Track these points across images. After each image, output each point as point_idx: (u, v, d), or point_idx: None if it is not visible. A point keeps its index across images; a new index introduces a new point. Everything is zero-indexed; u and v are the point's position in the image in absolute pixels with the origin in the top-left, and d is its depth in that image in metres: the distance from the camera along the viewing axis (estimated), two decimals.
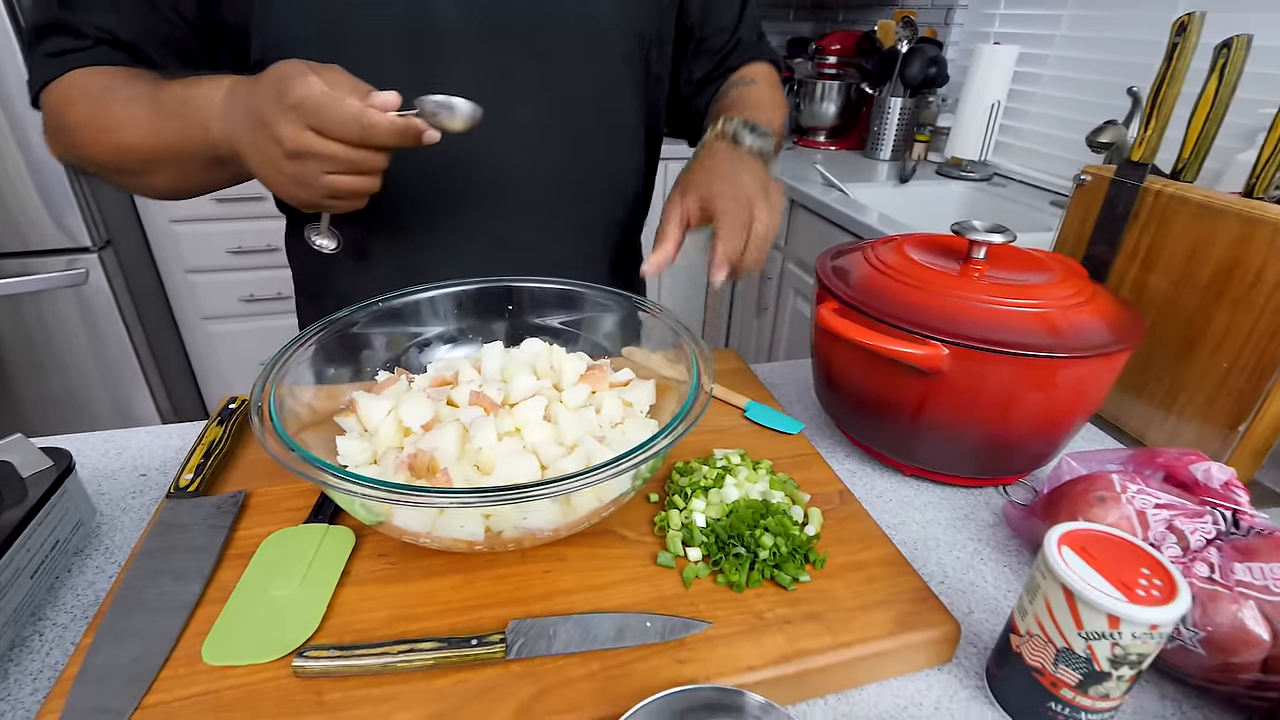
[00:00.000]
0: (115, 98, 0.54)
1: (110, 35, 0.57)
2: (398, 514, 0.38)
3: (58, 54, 0.57)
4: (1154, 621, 0.32)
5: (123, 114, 0.54)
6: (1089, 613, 0.33)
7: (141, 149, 0.54)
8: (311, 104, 0.44)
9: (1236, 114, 0.61)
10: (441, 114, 0.46)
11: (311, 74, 0.44)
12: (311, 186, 0.47)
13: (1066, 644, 0.35)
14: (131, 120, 0.54)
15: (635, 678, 0.36)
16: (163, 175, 0.57)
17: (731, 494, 0.47)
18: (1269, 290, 0.54)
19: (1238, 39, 0.56)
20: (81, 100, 0.56)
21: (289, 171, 0.47)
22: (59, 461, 0.46)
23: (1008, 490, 0.58)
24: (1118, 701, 0.36)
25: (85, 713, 0.33)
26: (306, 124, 0.44)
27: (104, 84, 0.55)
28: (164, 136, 0.53)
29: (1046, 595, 0.35)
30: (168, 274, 1.94)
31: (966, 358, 0.48)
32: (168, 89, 0.53)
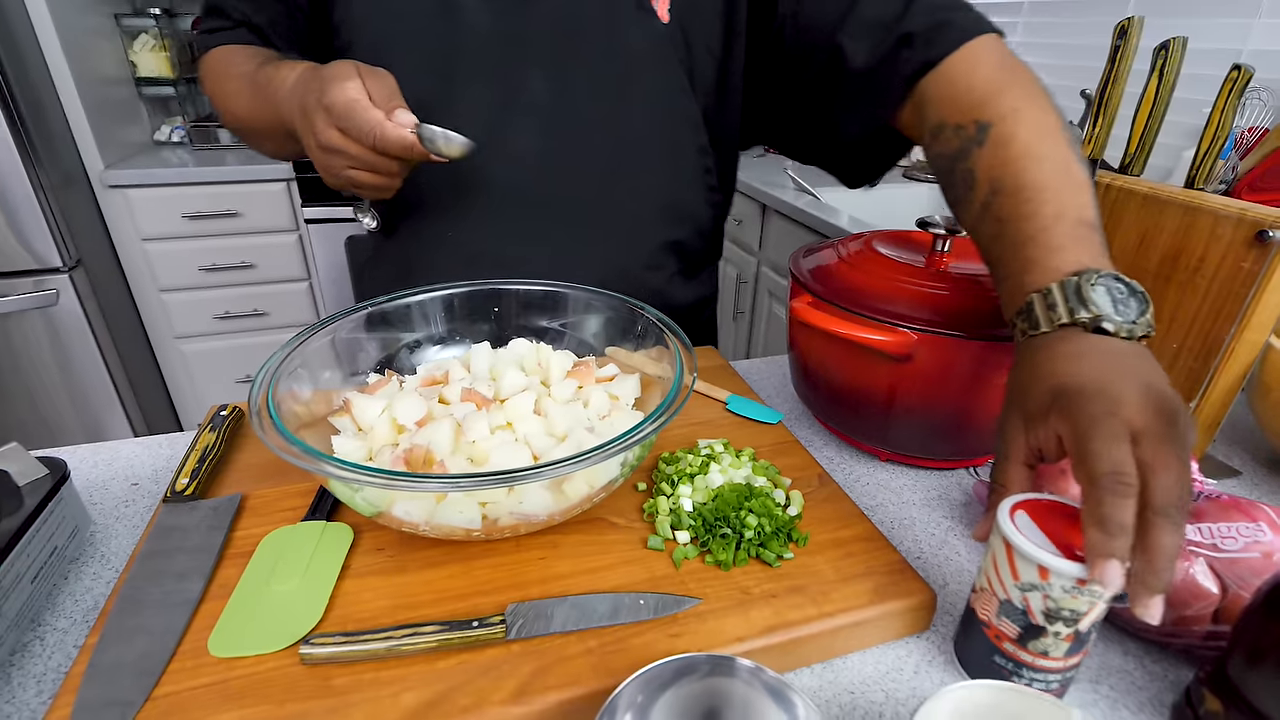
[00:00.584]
0: (231, 73, 0.66)
1: (247, 20, 0.70)
2: (398, 504, 0.40)
3: (211, 31, 0.71)
4: (1080, 575, 0.34)
5: (233, 87, 0.66)
6: (1023, 564, 0.35)
7: (245, 118, 0.66)
8: (339, 108, 0.50)
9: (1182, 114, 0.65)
10: (438, 142, 0.52)
11: (352, 79, 0.51)
12: (336, 176, 0.55)
13: (1006, 595, 0.37)
14: (238, 93, 0.65)
15: (631, 652, 0.38)
16: (264, 141, 0.70)
17: (716, 479, 0.49)
18: (1211, 274, 0.57)
19: (1174, 41, 0.60)
20: (215, 73, 0.69)
21: (319, 159, 0.54)
22: (54, 470, 0.46)
23: (977, 470, 0.61)
24: (1060, 664, 0.37)
25: (97, 705, 0.34)
26: (334, 123, 0.51)
27: (229, 60, 0.68)
28: (255, 109, 0.63)
29: (994, 551, 0.38)
30: (140, 293, 1.92)
31: (933, 343, 0.51)
32: (264, 69, 0.61)
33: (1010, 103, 0.50)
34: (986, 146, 0.49)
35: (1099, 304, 0.39)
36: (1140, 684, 0.41)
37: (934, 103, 0.56)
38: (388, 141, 0.51)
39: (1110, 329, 0.38)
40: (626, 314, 0.57)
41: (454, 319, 0.59)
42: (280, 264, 1.95)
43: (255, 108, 0.63)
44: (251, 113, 0.64)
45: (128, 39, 1.96)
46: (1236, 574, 0.40)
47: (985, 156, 0.49)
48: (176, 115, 2.18)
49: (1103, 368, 0.37)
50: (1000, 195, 0.46)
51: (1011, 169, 0.46)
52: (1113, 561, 0.32)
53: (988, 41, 0.55)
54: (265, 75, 0.61)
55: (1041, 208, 0.44)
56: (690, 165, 0.73)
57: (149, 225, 1.82)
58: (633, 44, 0.66)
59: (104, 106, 1.81)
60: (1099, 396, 0.35)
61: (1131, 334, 0.38)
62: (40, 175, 1.55)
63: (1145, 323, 0.39)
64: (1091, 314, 0.39)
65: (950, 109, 0.53)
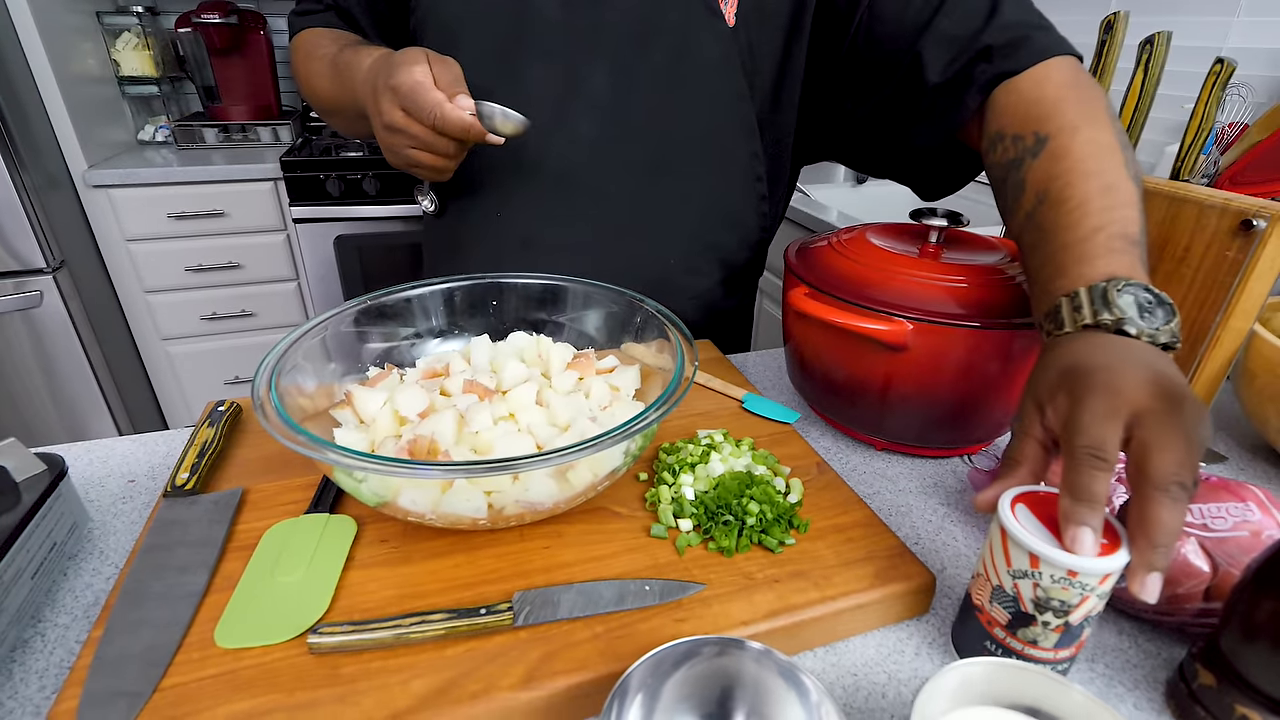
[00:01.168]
0: (315, 54, 0.72)
1: (338, 5, 0.76)
2: (404, 493, 0.40)
3: (303, 14, 0.78)
4: (1071, 567, 0.34)
5: (316, 68, 0.72)
6: (1015, 550, 0.36)
7: (325, 97, 0.72)
8: (404, 89, 0.55)
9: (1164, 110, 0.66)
10: (495, 118, 0.56)
11: (419, 64, 0.55)
12: (397, 155, 0.59)
13: (999, 581, 0.37)
14: (320, 74, 0.71)
15: (638, 636, 0.38)
16: (339, 120, 0.76)
17: (717, 468, 0.50)
18: (1196, 263, 0.59)
19: (1159, 35, 0.62)
20: (301, 53, 0.76)
21: (383, 138, 0.59)
22: (52, 466, 0.46)
23: (972, 459, 0.62)
24: (1050, 655, 0.38)
25: (104, 696, 0.33)
26: (399, 104, 0.55)
27: (315, 42, 0.74)
28: (334, 90, 0.68)
29: (991, 537, 0.38)
30: (125, 294, 1.89)
31: (928, 332, 0.52)
32: (345, 53, 0.66)
33: (1071, 119, 0.50)
34: (1041, 158, 0.49)
35: (1123, 308, 0.39)
36: (1135, 662, 0.42)
37: (998, 113, 0.56)
38: (447, 122, 0.54)
39: (1133, 332, 0.39)
40: (626, 306, 0.57)
41: (454, 313, 0.59)
42: (268, 264, 1.94)
43: (335, 89, 0.68)
44: (331, 93, 0.69)
45: (110, 38, 1.94)
46: (1226, 552, 0.41)
47: (1037, 168, 0.49)
48: (160, 114, 2.15)
49: (1116, 356, 0.37)
50: (1045, 205, 0.47)
51: (1060, 181, 0.47)
52: (1084, 529, 0.33)
53: (1063, 61, 0.55)
54: (345, 59, 0.65)
55: (1084, 219, 0.44)
56: (741, 170, 0.74)
57: (133, 225, 1.80)
58: (698, 45, 0.67)
59: (87, 106, 1.79)
60: (1101, 374, 0.36)
61: (1154, 339, 0.39)
62: (23, 176, 1.53)
63: (1169, 331, 0.39)
64: (1115, 316, 0.39)
65: (1011, 119, 0.54)
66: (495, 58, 0.67)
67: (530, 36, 0.67)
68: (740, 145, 0.72)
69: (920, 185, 0.73)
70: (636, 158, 0.71)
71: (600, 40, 0.67)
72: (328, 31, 0.75)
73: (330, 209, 1.86)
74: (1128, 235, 0.43)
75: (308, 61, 0.74)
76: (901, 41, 0.61)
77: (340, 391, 0.51)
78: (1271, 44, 1.18)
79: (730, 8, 0.66)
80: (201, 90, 2.06)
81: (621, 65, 0.67)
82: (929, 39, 0.59)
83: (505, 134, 0.56)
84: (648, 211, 0.73)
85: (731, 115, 0.70)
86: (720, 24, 0.66)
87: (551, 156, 0.70)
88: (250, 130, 2.02)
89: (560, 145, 0.69)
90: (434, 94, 0.54)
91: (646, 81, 0.68)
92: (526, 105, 0.62)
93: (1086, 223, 0.44)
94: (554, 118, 0.68)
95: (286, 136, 2.04)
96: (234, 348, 2.03)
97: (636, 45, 0.67)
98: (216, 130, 2.02)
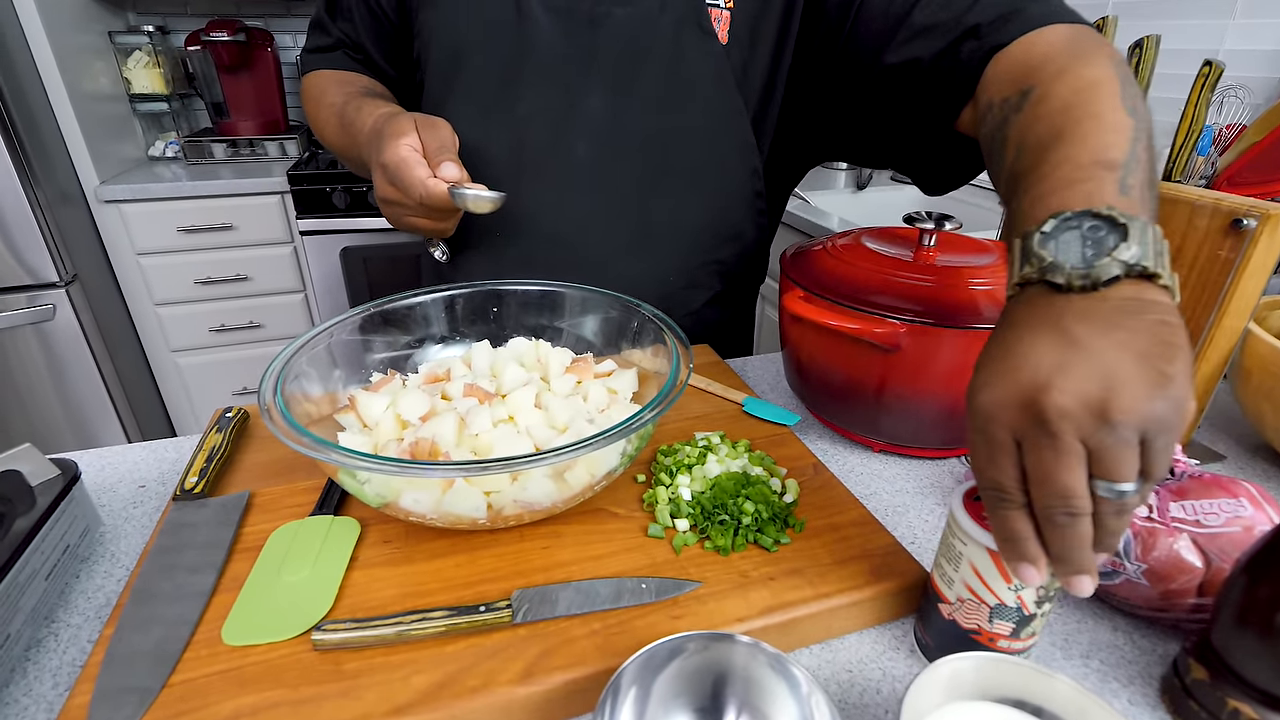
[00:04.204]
0: (323, 101, 0.75)
1: (347, 39, 0.78)
2: (406, 494, 0.41)
3: (313, 50, 0.80)
4: None
5: (324, 116, 0.75)
6: None
7: (334, 145, 0.76)
8: (391, 167, 0.57)
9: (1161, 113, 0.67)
10: (468, 202, 0.57)
11: (405, 136, 0.57)
12: (397, 221, 0.63)
13: (999, 600, 0.37)
14: (327, 123, 0.75)
15: (634, 633, 0.39)
16: (350, 165, 0.78)
17: (714, 469, 0.51)
18: (1189, 263, 0.59)
19: (1148, 39, 0.63)
20: (310, 99, 0.79)
21: (382, 207, 0.62)
22: (66, 471, 0.47)
23: (967, 460, 0.62)
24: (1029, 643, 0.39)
25: (115, 692, 0.34)
26: (388, 180, 0.58)
27: (321, 88, 0.77)
28: (343, 141, 0.72)
29: (971, 561, 0.37)
30: (135, 307, 1.92)
31: (922, 334, 0.52)
32: (349, 108, 0.70)
33: (1059, 65, 0.44)
34: (1024, 111, 0.44)
35: (1047, 253, 0.32)
36: (1130, 658, 0.43)
37: (986, 86, 0.51)
38: (431, 199, 0.56)
39: (1060, 281, 0.31)
40: (623, 311, 0.58)
41: (455, 319, 0.60)
42: (275, 276, 1.96)
43: (343, 141, 0.71)
44: (340, 143, 0.73)
45: (121, 56, 1.98)
46: (1219, 548, 0.42)
47: (1019, 120, 0.44)
48: (170, 130, 2.19)
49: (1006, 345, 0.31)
50: (1023, 153, 0.41)
51: (1038, 125, 0.41)
52: (1023, 564, 0.31)
53: (1060, 27, 0.49)
54: (349, 115, 0.69)
55: (1051, 154, 0.37)
56: (740, 186, 0.75)
57: (144, 239, 1.83)
58: (693, 65, 0.68)
59: (98, 123, 1.82)
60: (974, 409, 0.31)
61: (1092, 279, 0.30)
62: (36, 191, 1.56)
63: (1121, 263, 0.30)
64: (1034, 267, 0.32)
65: (998, 87, 0.49)
66: (496, 80, 0.69)
67: (529, 63, 0.68)
68: (739, 162, 0.73)
69: (924, 179, 0.70)
70: (634, 179, 0.71)
71: (595, 66, 0.68)
72: (332, 75, 0.78)
73: (336, 221, 1.88)
74: (1102, 161, 0.35)
75: (316, 108, 0.77)
76: (886, 37, 0.59)
77: (344, 397, 0.53)
78: (1268, 46, 1.19)
79: (723, 26, 0.67)
80: (210, 106, 2.09)
81: (617, 86, 0.68)
82: (914, 28, 0.57)
83: (481, 212, 0.58)
84: (647, 231, 0.74)
85: (728, 133, 0.71)
86: (713, 43, 0.67)
87: (549, 177, 0.71)
88: (258, 145, 2.05)
89: (558, 167, 0.70)
90: (417, 172, 0.56)
91: (641, 103, 0.69)
92: (525, 125, 0.69)
93: (1052, 158, 0.37)
94: (551, 139, 0.69)
95: (293, 150, 2.07)
96: (242, 359, 2.05)
97: (630, 69, 0.68)
98: (225, 145, 2.05)
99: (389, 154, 0.57)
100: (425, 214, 0.60)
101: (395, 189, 0.58)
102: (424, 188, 0.56)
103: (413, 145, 0.57)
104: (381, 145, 0.58)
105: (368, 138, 0.63)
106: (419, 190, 0.56)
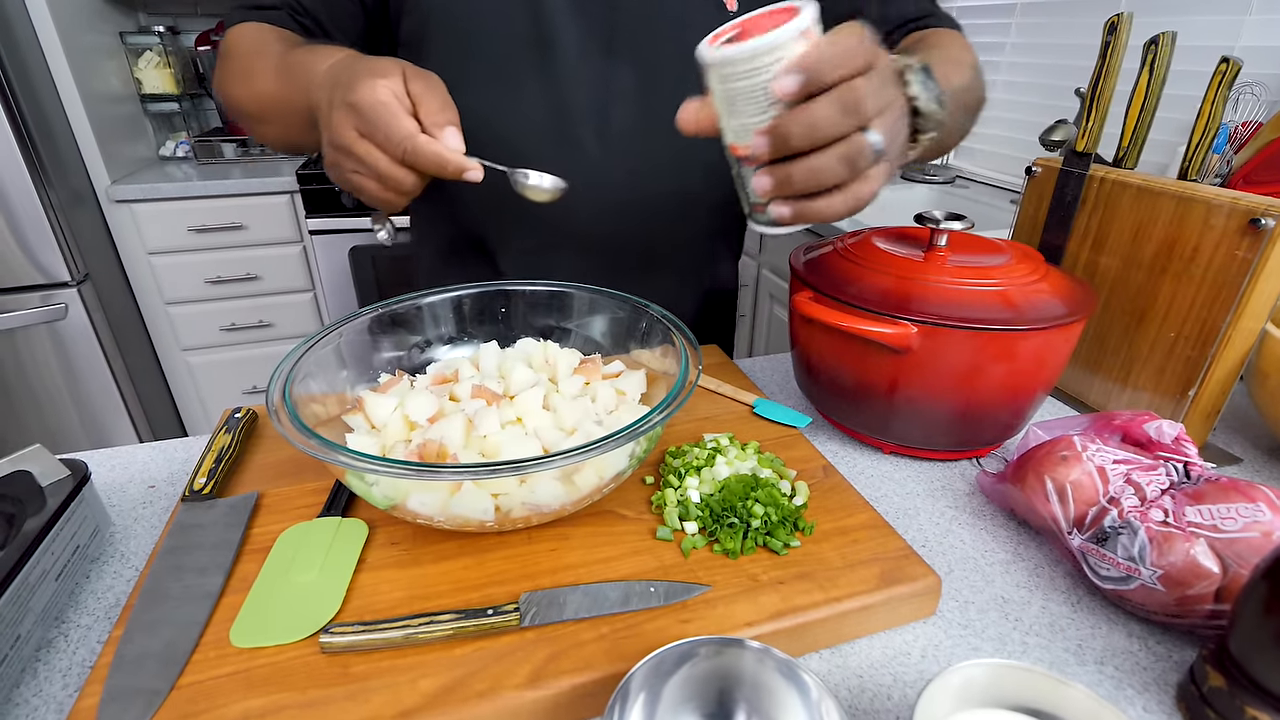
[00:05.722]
0: (260, 50, 0.62)
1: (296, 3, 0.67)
2: (413, 496, 0.41)
3: (250, 7, 0.67)
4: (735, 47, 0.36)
5: (259, 65, 0.61)
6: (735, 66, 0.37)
7: (264, 98, 0.61)
8: (364, 108, 0.46)
9: (1176, 110, 0.66)
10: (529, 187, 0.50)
11: (388, 78, 0.46)
12: (340, 177, 0.50)
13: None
14: (263, 71, 0.60)
15: (643, 637, 0.39)
16: (274, 127, 0.64)
17: (723, 471, 0.50)
18: (1205, 263, 0.58)
19: (1163, 35, 0.62)
20: (241, 47, 0.65)
21: (327, 154, 0.50)
22: (75, 471, 0.47)
23: (980, 462, 0.61)
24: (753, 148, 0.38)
25: (124, 693, 0.35)
26: (353, 124, 0.46)
27: (260, 38, 0.64)
28: (280, 90, 0.59)
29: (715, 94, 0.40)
30: (146, 306, 1.94)
31: (934, 335, 0.52)
32: (297, 52, 0.58)
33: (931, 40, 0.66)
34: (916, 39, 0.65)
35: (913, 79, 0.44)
36: (1145, 664, 0.42)
37: None
38: (420, 155, 0.46)
39: None
40: (631, 312, 0.58)
41: (463, 320, 0.60)
42: (285, 275, 1.97)
43: (278, 89, 0.59)
44: (275, 93, 0.59)
45: (132, 56, 1.99)
46: (1236, 553, 0.41)
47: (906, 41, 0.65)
48: (181, 130, 2.20)
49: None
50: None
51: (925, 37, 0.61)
52: None
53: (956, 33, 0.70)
54: (298, 57, 0.57)
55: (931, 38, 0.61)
56: None
57: (155, 239, 1.84)
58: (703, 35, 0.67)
59: (110, 123, 1.84)
60: None
61: None
62: (48, 192, 1.57)
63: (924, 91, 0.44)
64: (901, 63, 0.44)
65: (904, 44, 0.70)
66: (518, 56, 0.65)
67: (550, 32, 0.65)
68: None
69: None
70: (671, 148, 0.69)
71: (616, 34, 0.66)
72: (275, 30, 0.66)
73: (345, 220, 1.89)
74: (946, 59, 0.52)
75: (247, 58, 0.63)
76: None
77: (352, 398, 0.52)
78: None
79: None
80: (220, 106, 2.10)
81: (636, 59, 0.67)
82: None
83: (538, 200, 0.50)
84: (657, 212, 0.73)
85: None
86: (724, 13, 0.67)
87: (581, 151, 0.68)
88: None
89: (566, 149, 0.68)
90: (403, 121, 0.46)
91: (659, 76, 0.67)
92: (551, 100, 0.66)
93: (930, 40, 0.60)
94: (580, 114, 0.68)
95: None
96: (252, 358, 2.06)
97: (648, 38, 0.66)
98: (235, 145, 2.06)
99: (364, 93, 0.45)
100: (387, 178, 0.48)
101: (359, 137, 0.46)
102: (411, 143, 0.45)
103: (395, 90, 0.47)
104: (355, 84, 0.46)
105: (326, 78, 0.51)
106: (403, 144, 0.45)
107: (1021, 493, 0.50)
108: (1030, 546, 0.51)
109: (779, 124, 0.37)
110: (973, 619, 0.45)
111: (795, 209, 0.39)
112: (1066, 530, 0.47)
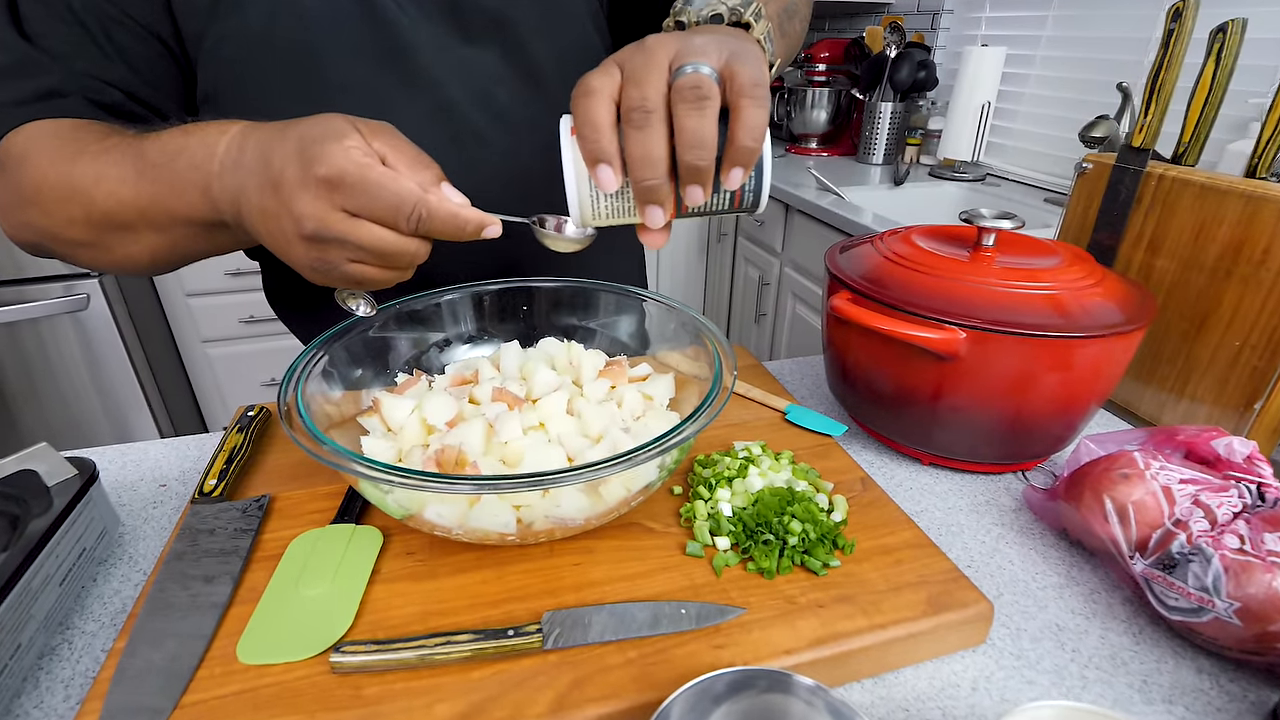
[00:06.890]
0: (84, 149, 0.45)
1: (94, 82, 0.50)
2: (430, 507, 0.38)
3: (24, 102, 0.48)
4: None
5: (92, 170, 0.44)
6: None
7: (117, 212, 0.45)
8: (353, 181, 0.36)
9: (1229, 107, 0.62)
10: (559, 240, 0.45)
11: (346, 138, 0.37)
12: (329, 275, 0.40)
13: None
14: (104, 177, 0.44)
15: (674, 663, 0.36)
16: (142, 244, 0.47)
17: (756, 483, 0.47)
18: (1277, 266, 0.54)
19: (1233, 22, 0.58)
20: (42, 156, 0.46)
21: (301, 254, 0.39)
22: (83, 470, 0.45)
23: (1027, 475, 0.58)
24: None
25: (125, 712, 0.33)
26: (338, 204, 0.37)
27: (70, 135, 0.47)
28: (147, 195, 0.43)
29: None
30: (167, 297, 1.94)
31: (983, 341, 0.48)
32: (153, 138, 0.44)
33: None
34: None
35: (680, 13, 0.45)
36: (1218, 704, 0.39)
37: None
38: (434, 219, 0.38)
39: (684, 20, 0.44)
40: (661, 311, 0.55)
41: (483, 317, 0.58)
42: None
43: (143, 193, 0.44)
44: (137, 201, 0.44)
45: None
46: None
47: None
48: None
49: None
50: None
51: None
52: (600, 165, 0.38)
53: None
54: (158, 145, 0.43)
55: None
56: None
57: None
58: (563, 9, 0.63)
59: None
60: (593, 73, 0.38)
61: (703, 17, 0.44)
62: None
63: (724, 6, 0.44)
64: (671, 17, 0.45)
65: None
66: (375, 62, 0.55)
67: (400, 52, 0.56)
68: None
69: None
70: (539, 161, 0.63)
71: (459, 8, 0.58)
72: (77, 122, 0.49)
73: None
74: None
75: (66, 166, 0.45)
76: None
77: (368, 398, 0.50)
78: None
79: None
80: None
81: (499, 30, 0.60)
82: None
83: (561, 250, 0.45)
84: None
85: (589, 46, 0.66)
86: None
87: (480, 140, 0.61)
88: None
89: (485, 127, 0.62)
90: (405, 185, 0.37)
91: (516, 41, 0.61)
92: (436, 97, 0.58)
93: None
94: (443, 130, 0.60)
95: None
96: (272, 350, 2.06)
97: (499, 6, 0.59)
98: None
99: (340, 162, 0.36)
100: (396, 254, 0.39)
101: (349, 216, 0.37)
102: (425, 207, 0.37)
103: (363, 150, 0.37)
104: (315, 154, 0.36)
105: (238, 162, 0.40)
106: (416, 210, 0.37)
107: (1077, 511, 0.47)
108: (1085, 569, 0.48)
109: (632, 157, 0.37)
110: (1026, 648, 0.42)
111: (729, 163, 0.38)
112: (1128, 554, 0.44)
